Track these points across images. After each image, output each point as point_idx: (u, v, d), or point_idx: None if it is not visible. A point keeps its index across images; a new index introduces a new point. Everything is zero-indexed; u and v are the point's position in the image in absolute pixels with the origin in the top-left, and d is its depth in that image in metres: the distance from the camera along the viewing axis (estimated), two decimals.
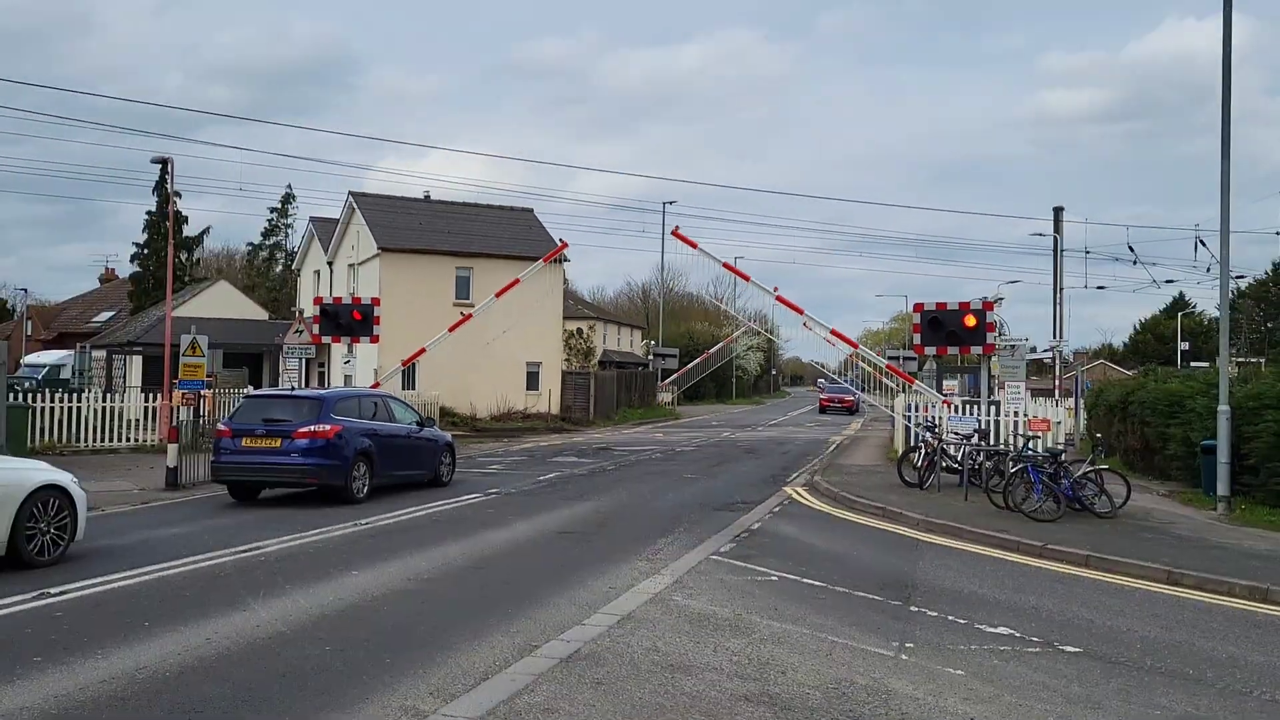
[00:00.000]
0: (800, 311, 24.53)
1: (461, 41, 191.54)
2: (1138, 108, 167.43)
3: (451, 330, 30.40)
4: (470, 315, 30.98)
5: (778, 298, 24.78)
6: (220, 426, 16.84)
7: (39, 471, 10.87)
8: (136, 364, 39.30)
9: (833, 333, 24.60)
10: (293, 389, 20.35)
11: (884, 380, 25.84)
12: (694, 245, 25.02)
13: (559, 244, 37.79)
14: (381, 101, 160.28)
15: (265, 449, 15.87)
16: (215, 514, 14.63)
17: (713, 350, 67.39)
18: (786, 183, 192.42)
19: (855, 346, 25.43)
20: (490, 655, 7.33)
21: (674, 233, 25.59)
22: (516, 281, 31.25)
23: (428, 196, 43.86)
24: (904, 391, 25.18)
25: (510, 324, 39.25)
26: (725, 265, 25.30)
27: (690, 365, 63.59)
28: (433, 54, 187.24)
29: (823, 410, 59.98)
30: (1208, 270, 35.07)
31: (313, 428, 15.79)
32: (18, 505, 10.20)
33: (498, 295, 30.91)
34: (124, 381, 37.64)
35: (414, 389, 34.58)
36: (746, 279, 25.30)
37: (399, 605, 8.93)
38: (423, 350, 30.20)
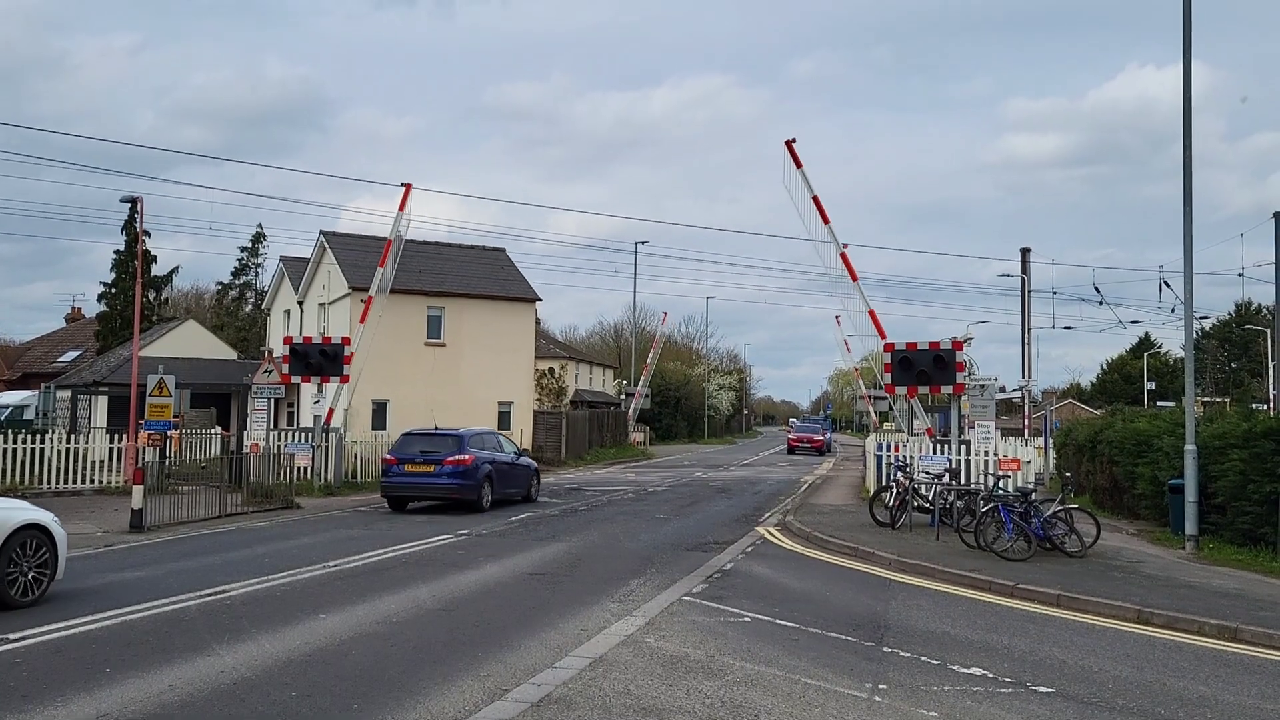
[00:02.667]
0: (855, 278, 24.45)
1: (435, 84, 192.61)
2: (1100, 152, 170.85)
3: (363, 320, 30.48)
4: (370, 300, 30.69)
5: (843, 255, 24.55)
6: (387, 456, 21.96)
7: (19, 510, 10.77)
8: (102, 404, 38.77)
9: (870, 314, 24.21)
10: (435, 427, 23.74)
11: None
12: (799, 165, 24.65)
13: (529, 285, 37.84)
14: (355, 142, 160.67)
15: (421, 473, 21.10)
16: (180, 557, 14.39)
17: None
18: (757, 223, 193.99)
19: (884, 336, 24.53)
20: (460, 700, 7.23)
21: (787, 144, 24.75)
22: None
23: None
24: (878, 430, 25.27)
25: (483, 363, 39.22)
26: (814, 199, 24.80)
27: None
28: (407, 96, 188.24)
29: (791, 450, 57.82)
30: (1172, 311, 35.65)
31: (456, 457, 21.09)
32: (0, 544, 10.14)
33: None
34: (89, 422, 37.09)
35: (385, 429, 34.34)
36: (827, 221, 24.91)
37: (367, 648, 8.80)
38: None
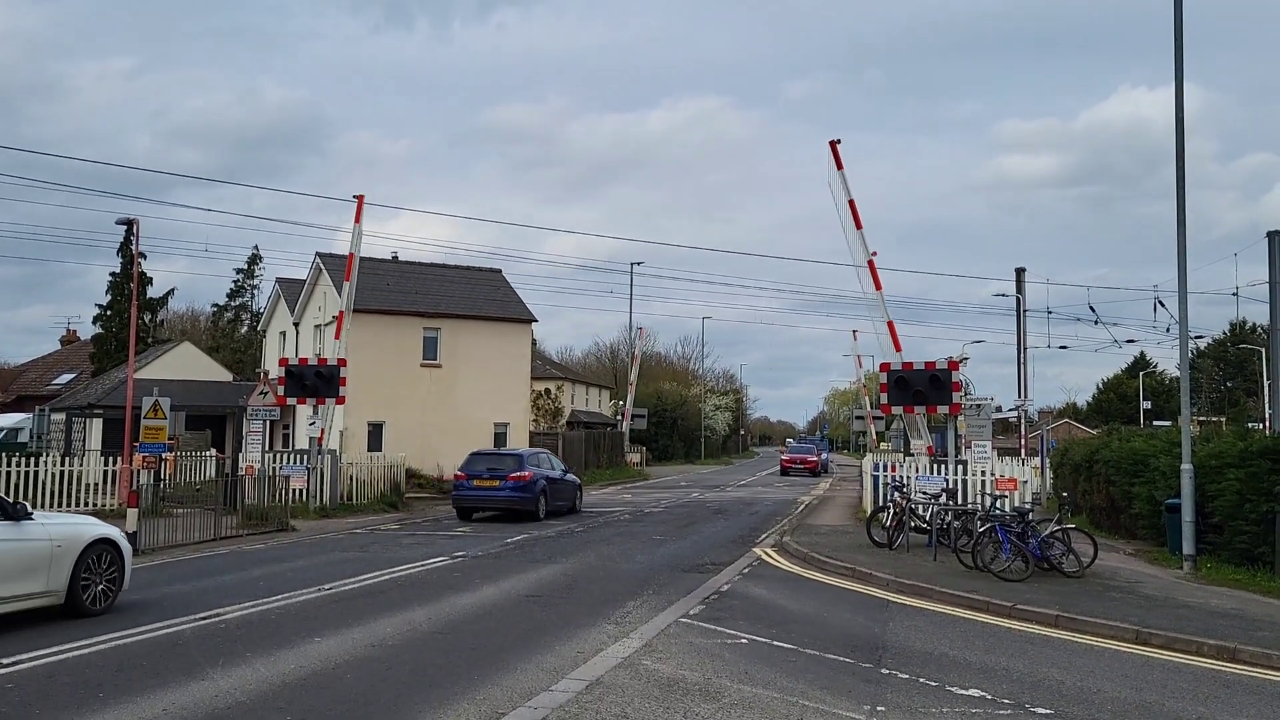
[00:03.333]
0: (879, 288, 24.14)
1: (432, 107, 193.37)
2: (1094, 173, 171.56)
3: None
4: (341, 315, 30.69)
5: (869, 262, 24.19)
6: (458, 472, 25.06)
7: (92, 526, 11.73)
8: (97, 427, 38.67)
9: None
10: (498, 449, 27.98)
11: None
12: (840, 166, 24.34)
13: (525, 306, 37.84)
14: (352, 164, 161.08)
15: (488, 487, 24.30)
16: (175, 580, 14.31)
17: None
18: (752, 244, 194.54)
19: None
20: None
21: (831, 145, 24.42)
22: None
23: (395, 257, 43.88)
24: (875, 450, 25.23)
25: (479, 384, 39.18)
26: (850, 203, 24.41)
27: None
28: (404, 118, 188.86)
29: (784, 472, 55.68)
30: (1167, 330, 35.75)
31: (517, 473, 24.31)
32: (75, 558, 11.03)
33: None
34: (83, 445, 37.00)
35: (380, 450, 34.26)
36: (859, 226, 24.46)
37: (362, 672, 8.75)
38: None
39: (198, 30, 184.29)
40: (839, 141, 23.90)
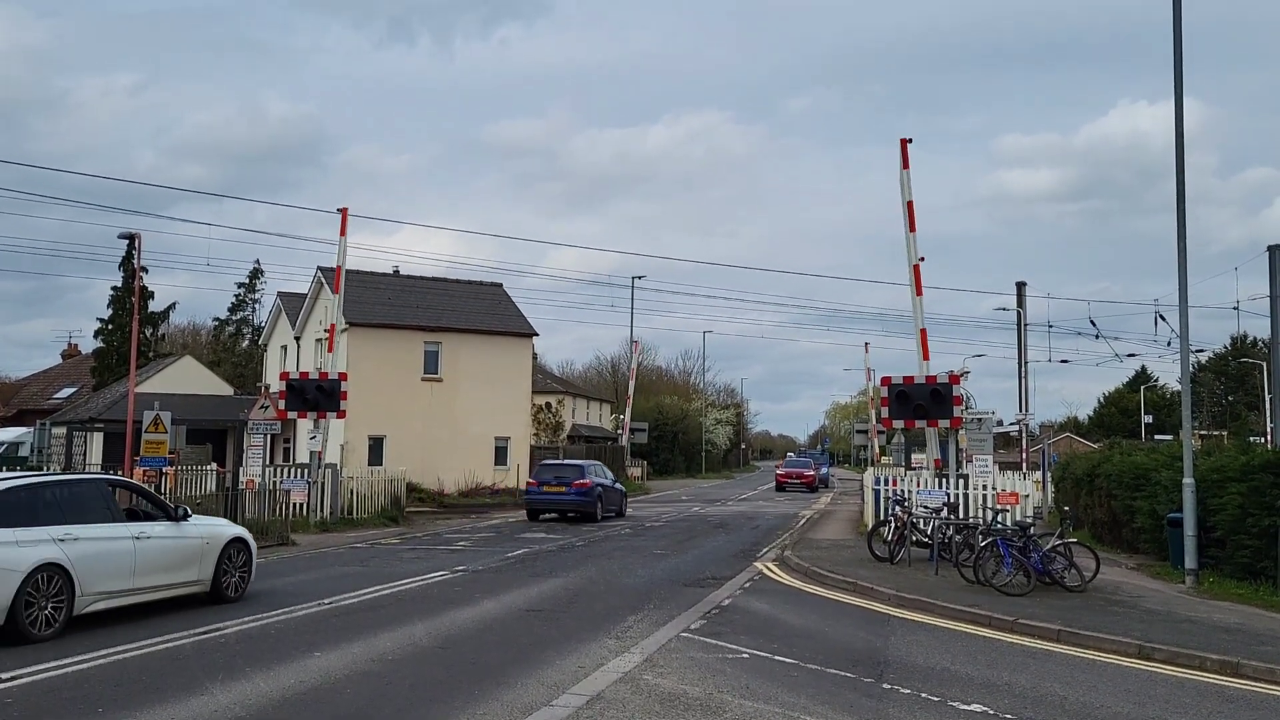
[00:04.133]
0: (921, 293, 23.36)
1: (434, 121, 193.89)
2: (1094, 187, 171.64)
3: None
4: (333, 328, 30.65)
5: (915, 267, 23.49)
6: (529, 480, 30.14)
7: (230, 527, 14.04)
8: (97, 441, 38.68)
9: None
10: (562, 460, 33.05)
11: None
12: (906, 166, 23.66)
13: (526, 320, 37.85)
14: (354, 179, 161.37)
15: (555, 492, 28.76)
16: None
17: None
18: (754, 258, 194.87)
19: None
20: None
21: (902, 142, 23.72)
22: None
23: (396, 271, 44.01)
24: (877, 463, 25.12)
25: (480, 398, 39.18)
26: (908, 204, 23.66)
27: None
28: (406, 133, 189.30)
29: (780, 487, 52.84)
30: (1168, 344, 35.74)
31: (580, 480, 28.83)
32: (219, 553, 13.17)
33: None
34: (84, 459, 37.00)
35: (381, 464, 34.22)
36: (913, 229, 23.58)
37: (362, 687, 8.72)
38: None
39: (201, 46, 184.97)
40: (910, 140, 23.40)
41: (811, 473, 54.49)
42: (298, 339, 42.08)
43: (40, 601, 10.59)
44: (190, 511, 13.42)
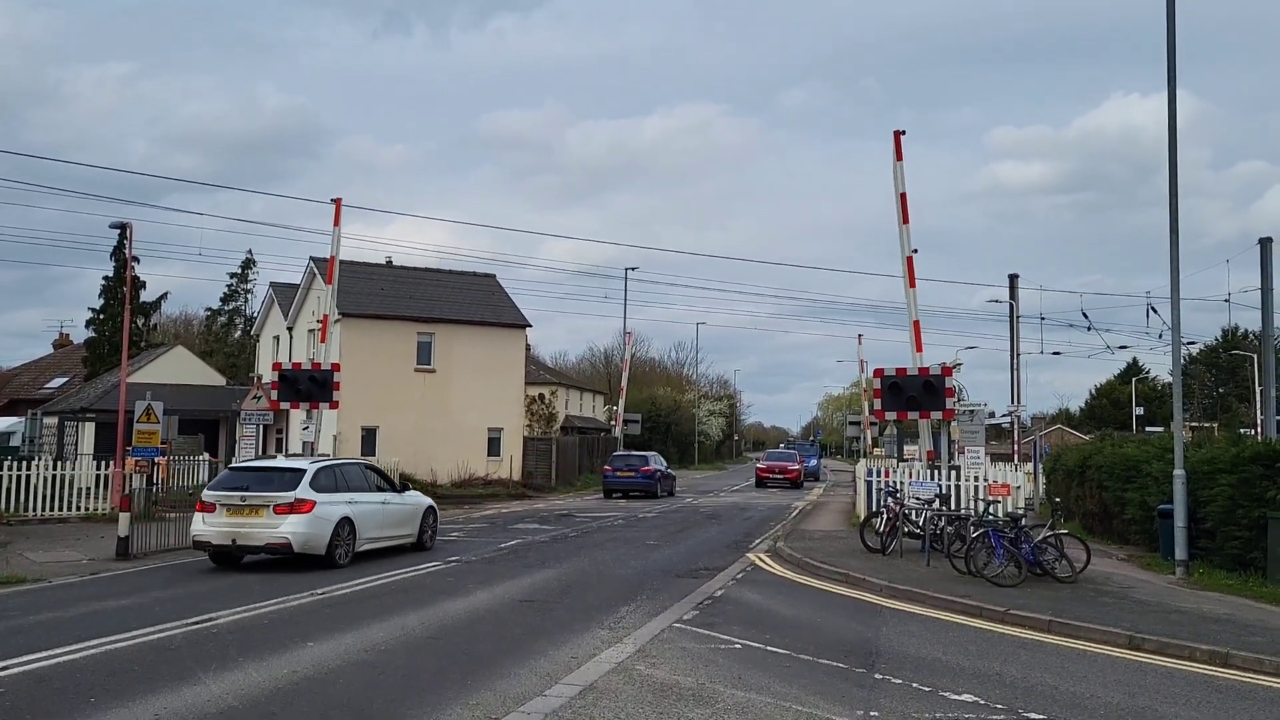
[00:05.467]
0: (914, 285, 23.16)
1: (430, 113, 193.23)
2: (1086, 180, 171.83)
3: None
4: (326, 319, 30.56)
5: (909, 259, 23.33)
6: (606, 467, 38.31)
7: (426, 499, 19.37)
8: (89, 431, 38.57)
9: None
10: (630, 451, 43.06)
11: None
12: (900, 158, 23.37)
13: (520, 312, 37.84)
14: (349, 170, 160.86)
15: (626, 476, 37.35)
16: (167, 585, 14.28)
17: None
18: (748, 250, 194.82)
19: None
20: None
21: (896, 135, 23.40)
22: None
23: (390, 262, 43.90)
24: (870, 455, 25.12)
25: (473, 389, 39.17)
26: (901, 196, 23.33)
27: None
28: (401, 125, 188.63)
29: (760, 483, 47.59)
30: (1160, 336, 35.70)
31: (646, 467, 37.64)
32: (421, 516, 18.67)
33: None
34: (75, 449, 36.91)
35: (374, 455, 34.20)
36: (906, 221, 23.31)
37: (355, 677, 8.72)
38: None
39: (196, 37, 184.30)
40: (904, 133, 23.31)
41: (796, 466, 48.81)
42: (290, 329, 41.99)
43: (341, 542, 16.02)
44: (409, 486, 19.57)
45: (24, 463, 24.37)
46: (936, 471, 21.44)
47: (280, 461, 18.03)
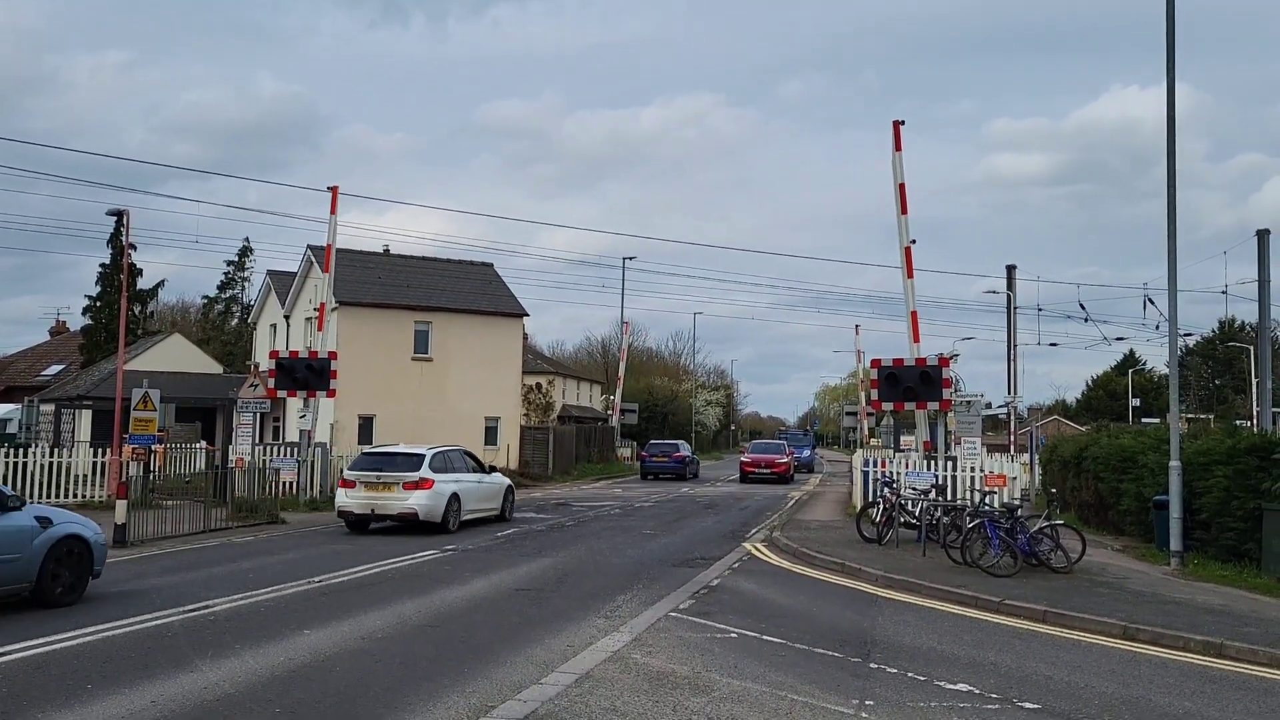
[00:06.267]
0: (911, 275, 23.02)
1: (427, 102, 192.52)
2: (1084, 172, 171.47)
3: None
4: (323, 307, 30.53)
5: (906, 249, 23.19)
6: (642, 453, 46.60)
7: (506, 479, 22.93)
8: (86, 418, 38.51)
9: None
10: (664, 439, 50.35)
11: None
12: (899, 148, 23.19)
13: (517, 301, 37.76)
14: (346, 158, 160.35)
15: (661, 460, 43.70)
16: (164, 572, 14.29)
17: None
18: (745, 240, 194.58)
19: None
20: (445, 716, 7.20)
21: (895, 125, 23.22)
22: None
23: (387, 250, 43.83)
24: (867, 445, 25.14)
25: (470, 378, 39.17)
26: (900, 186, 23.15)
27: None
28: (399, 113, 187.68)
29: (744, 478, 42.44)
30: (1156, 328, 35.78)
31: (678, 454, 44.33)
32: (504, 493, 22.44)
33: None
34: (73, 436, 36.86)
35: (371, 443, 34.17)
36: (905, 211, 23.13)
37: (352, 665, 8.74)
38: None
39: (193, 25, 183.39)
40: (902, 123, 23.17)
41: (785, 459, 43.13)
42: (287, 318, 41.93)
43: (452, 513, 19.71)
44: (495, 468, 23.49)
45: (21, 450, 24.36)
46: (933, 462, 21.48)
47: (403, 447, 21.53)
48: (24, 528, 10.98)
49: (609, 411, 63.42)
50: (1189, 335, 62.86)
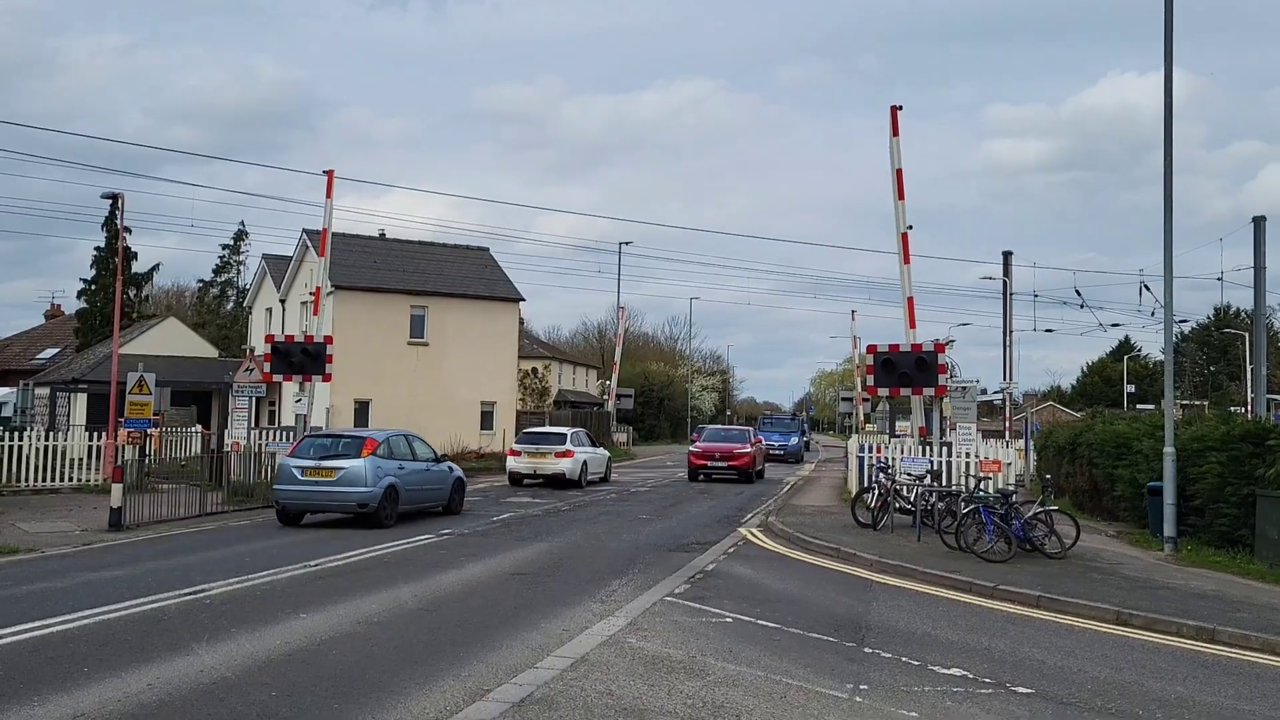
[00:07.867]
0: (908, 261, 22.95)
1: (427, 86, 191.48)
2: (1082, 158, 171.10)
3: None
4: (319, 291, 30.54)
5: (903, 235, 23.08)
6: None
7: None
8: (81, 402, 38.48)
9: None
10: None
11: None
12: (896, 133, 23.11)
13: (513, 285, 37.69)
14: (345, 142, 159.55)
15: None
16: (160, 556, 14.30)
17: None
18: (743, 226, 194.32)
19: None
20: (441, 700, 7.22)
21: (892, 109, 23.09)
22: None
23: (383, 234, 43.72)
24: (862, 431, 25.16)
25: (466, 362, 39.16)
26: (897, 172, 23.08)
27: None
28: (398, 98, 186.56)
29: (693, 476, 33.10)
30: (1152, 314, 35.96)
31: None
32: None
33: None
34: (68, 420, 36.82)
35: (367, 427, 34.16)
36: (902, 197, 23.05)
37: (348, 649, 8.77)
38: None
39: (193, 8, 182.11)
40: (900, 108, 23.08)
41: (748, 450, 33.49)
42: (283, 301, 41.87)
43: (584, 476, 27.63)
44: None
45: (16, 433, 24.34)
46: (928, 448, 21.52)
47: (551, 428, 31.11)
48: (444, 471, 20.59)
49: (605, 396, 63.44)
50: (1184, 322, 63.05)
